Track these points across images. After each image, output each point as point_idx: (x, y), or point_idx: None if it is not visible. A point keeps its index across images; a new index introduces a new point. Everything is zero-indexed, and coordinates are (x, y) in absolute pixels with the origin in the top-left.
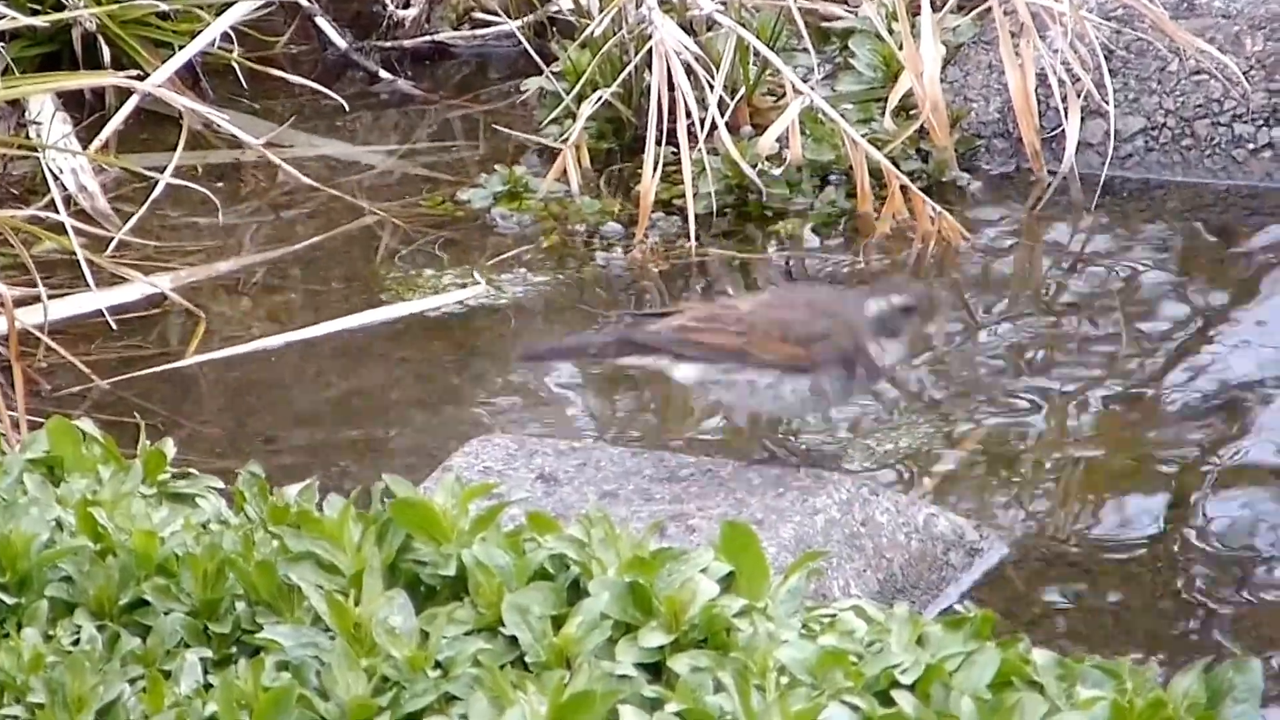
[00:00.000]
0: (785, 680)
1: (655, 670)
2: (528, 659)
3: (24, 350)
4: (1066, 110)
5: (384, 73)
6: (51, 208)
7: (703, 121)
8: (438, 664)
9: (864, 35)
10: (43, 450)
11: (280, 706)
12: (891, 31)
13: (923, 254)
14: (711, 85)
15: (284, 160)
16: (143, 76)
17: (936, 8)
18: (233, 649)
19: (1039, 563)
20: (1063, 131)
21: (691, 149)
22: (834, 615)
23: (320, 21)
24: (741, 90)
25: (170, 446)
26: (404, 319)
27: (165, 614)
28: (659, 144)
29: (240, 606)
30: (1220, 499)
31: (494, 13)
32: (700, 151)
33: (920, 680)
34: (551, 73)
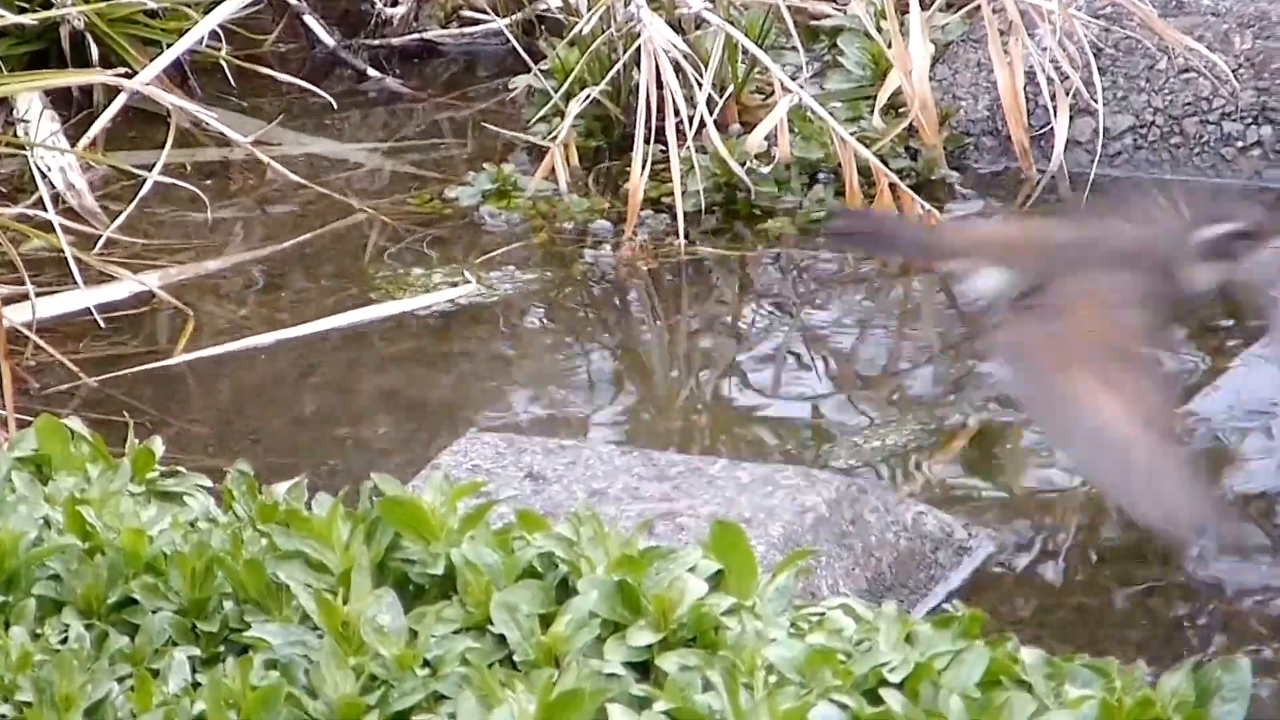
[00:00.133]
0: (774, 679)
1: (643, 669)
2: (516, 658)
3: (12, 348)
4: (1055, 108)
5: (372, 71)
6: (39, 205)
7: (691, 119)
8: (426, 662)
9: (852, 33)
10: (31, 448)
11: (268, 705)
12: (880, 30)
13: None
14: (700, 83)
15: (272, 158)
16: (131, 74)
17: (925, 6)
18: (221, 647)
19: (1027, 562)
20: (1051, 129)
21: (680, 147)
22: (822, 614)
23: (308, 19)
24: (730, 88)
25: (159, 445)
26: (393, 317)
27: (153, 612)
28: (647, 142)
29: (228, 605)
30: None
31: (482, 11)
32: (689, 149)
33: (909, 679)
34: (540, 71)
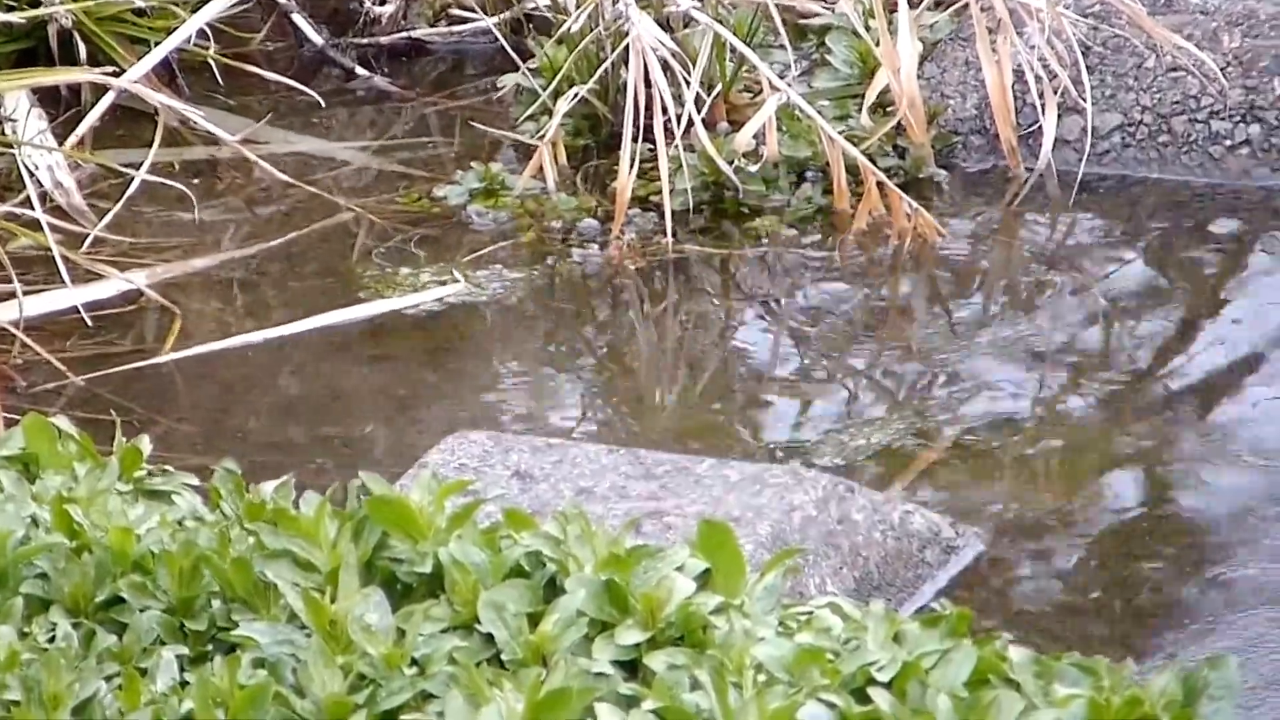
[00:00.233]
0: (762, 678)
1: (632, 668)
2: (504, 656)
3: None
4: (1043, 107)
5: (360, 69)
6: (27, 204)
7: (679, 118)
8: (414, 661)
9: (841, 32)
10: (18, 447)
11: (256, 704)
12: (868, 28)
13: (899, 250)
14: (688, 82)
15: (260, 157)
16: (119, 73)
17: (913, 4)
18: (209, 646)
19: (1015, 560)
20: (1040, 128)
21: (668, 146)
22: (810, 613)
23: (296, 18)
24: (718, 87)
25: (146, 443)
26: (381, 315)
27: (141, 611)
28: (635, 140)
29: (216, 604)
30: (1199, 496)
31: (470, 9)
32: (677, 148)
33: (897, 678)
34: (528, 69)
